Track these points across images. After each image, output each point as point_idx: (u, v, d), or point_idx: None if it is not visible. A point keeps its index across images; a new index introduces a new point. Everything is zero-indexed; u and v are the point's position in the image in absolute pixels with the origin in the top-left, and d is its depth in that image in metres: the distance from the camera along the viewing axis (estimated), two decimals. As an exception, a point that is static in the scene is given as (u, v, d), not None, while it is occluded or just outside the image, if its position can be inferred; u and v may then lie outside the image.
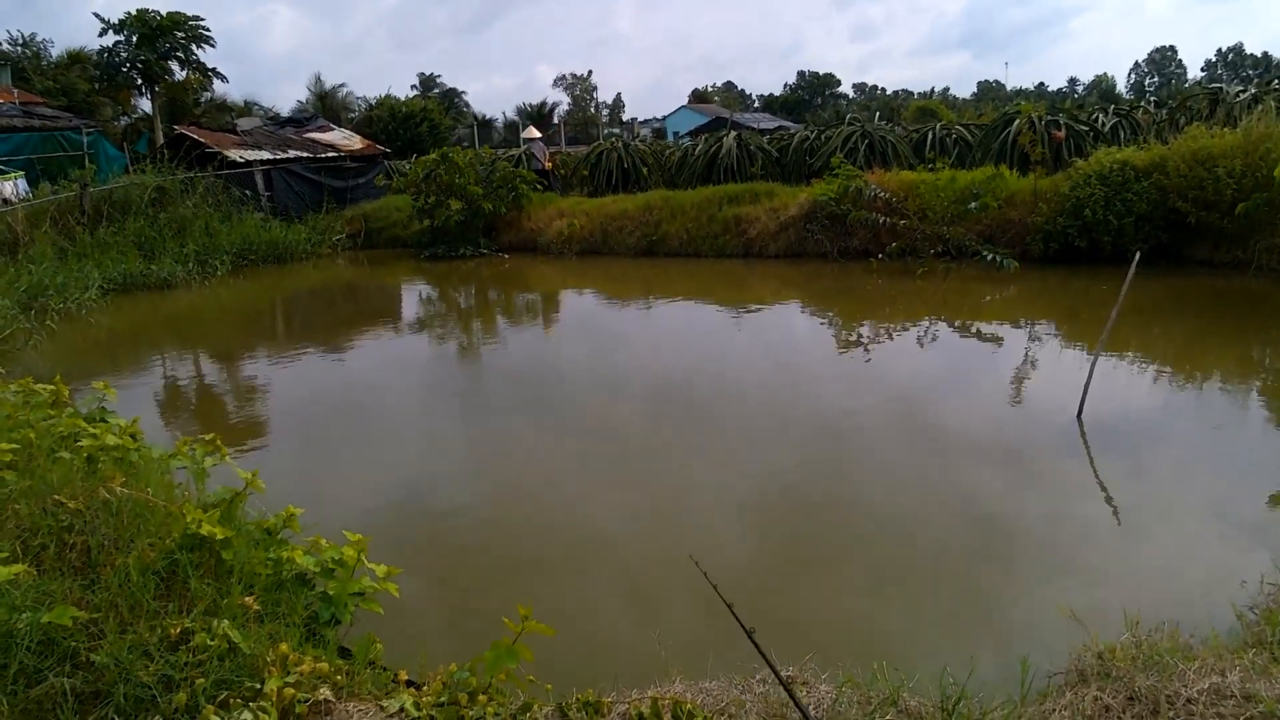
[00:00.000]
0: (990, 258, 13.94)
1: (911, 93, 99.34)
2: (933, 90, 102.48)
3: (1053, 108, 19.43)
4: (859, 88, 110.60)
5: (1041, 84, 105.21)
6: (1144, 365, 8.92)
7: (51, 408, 5.04)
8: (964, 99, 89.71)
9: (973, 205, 14.68)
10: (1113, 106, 20.09)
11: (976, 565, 4.91)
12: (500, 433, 7.71)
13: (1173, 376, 8.59)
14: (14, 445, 3.98)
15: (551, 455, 7.10)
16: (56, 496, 3.48)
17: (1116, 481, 5.90)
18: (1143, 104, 22.49)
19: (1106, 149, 14.79)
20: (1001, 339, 10.41)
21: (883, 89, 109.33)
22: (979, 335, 10.73)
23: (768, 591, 4.73)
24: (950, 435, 7.04)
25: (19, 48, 41.17)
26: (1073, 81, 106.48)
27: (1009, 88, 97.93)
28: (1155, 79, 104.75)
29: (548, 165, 21.53)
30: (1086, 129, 17.02)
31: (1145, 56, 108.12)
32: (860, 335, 11.24)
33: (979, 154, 17.97)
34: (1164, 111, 20.15)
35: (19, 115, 23.50)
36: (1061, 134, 16.50)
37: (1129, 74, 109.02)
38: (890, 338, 10.90)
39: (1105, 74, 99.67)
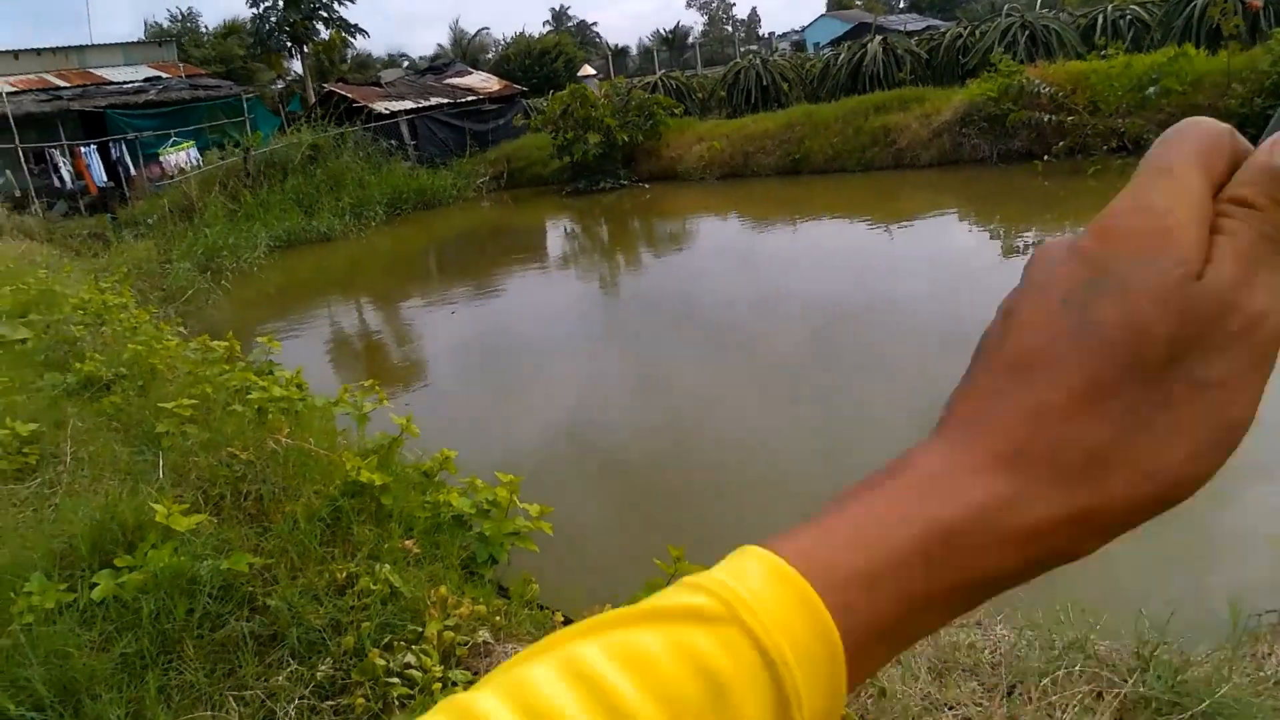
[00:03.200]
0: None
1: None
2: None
3: (1248, -29, 17.14)
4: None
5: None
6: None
7: (225, 363, 5.35)
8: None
9: (1151, 90, 13.20)
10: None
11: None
12: (655, 364, 7.63)
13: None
14: (194, 400, 4.23)
15: (708, 385, 6.94)
16: (230, 448, 3.66)
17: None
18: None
19: (1316, 13, 12.98)
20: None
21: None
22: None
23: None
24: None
25: (178, 23, 43.88)
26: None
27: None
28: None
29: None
30: (1291, -8, 14.95)
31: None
32: (1027, 244, 10.44)
33: (1159, 34, 16.16)
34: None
35: (186, 88, 25.05)
36: (1259, 1, 14.56)
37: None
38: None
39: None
